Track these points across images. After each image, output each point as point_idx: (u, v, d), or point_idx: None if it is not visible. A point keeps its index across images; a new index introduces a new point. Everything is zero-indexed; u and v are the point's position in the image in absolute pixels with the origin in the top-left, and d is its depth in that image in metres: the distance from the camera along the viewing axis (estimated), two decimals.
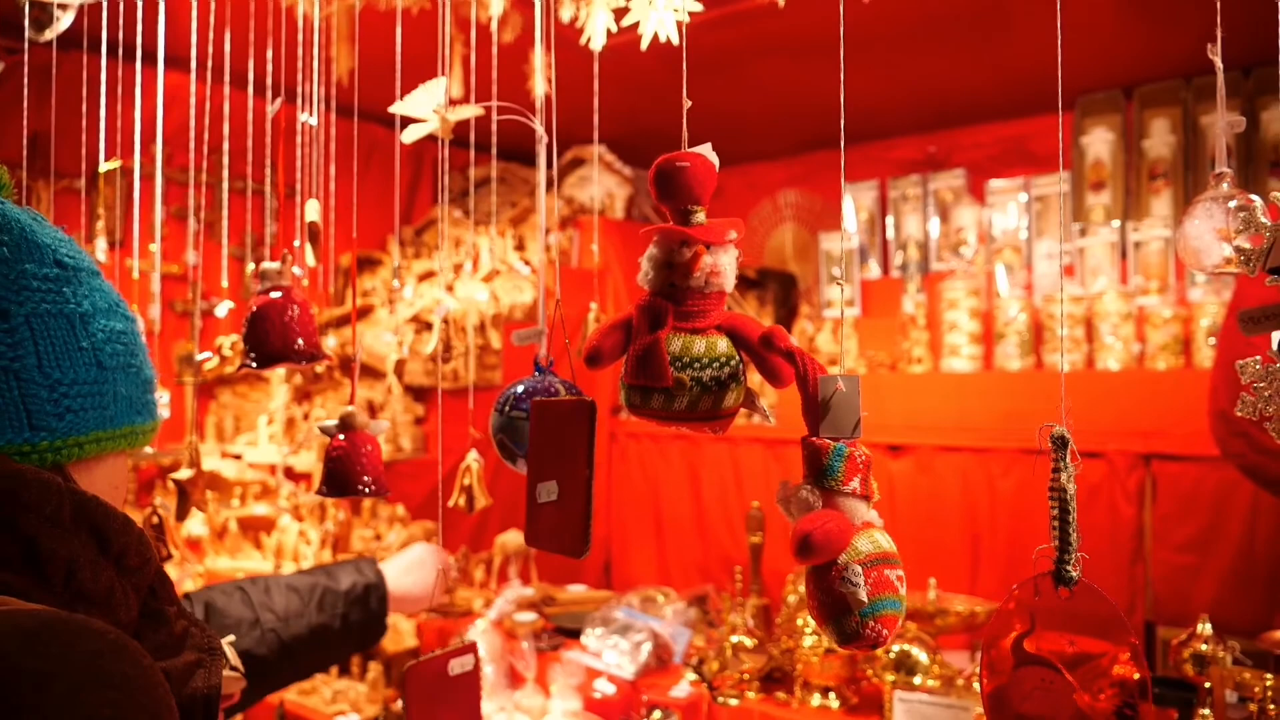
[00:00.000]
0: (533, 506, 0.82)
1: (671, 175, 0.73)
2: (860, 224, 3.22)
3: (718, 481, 3.05)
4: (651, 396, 0.72)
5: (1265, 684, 1.13)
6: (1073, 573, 0.61)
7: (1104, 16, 2.36)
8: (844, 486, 0.65)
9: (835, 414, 0.66)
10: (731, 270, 0.74)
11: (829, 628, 0.64)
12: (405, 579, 1.39)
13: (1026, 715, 0.63)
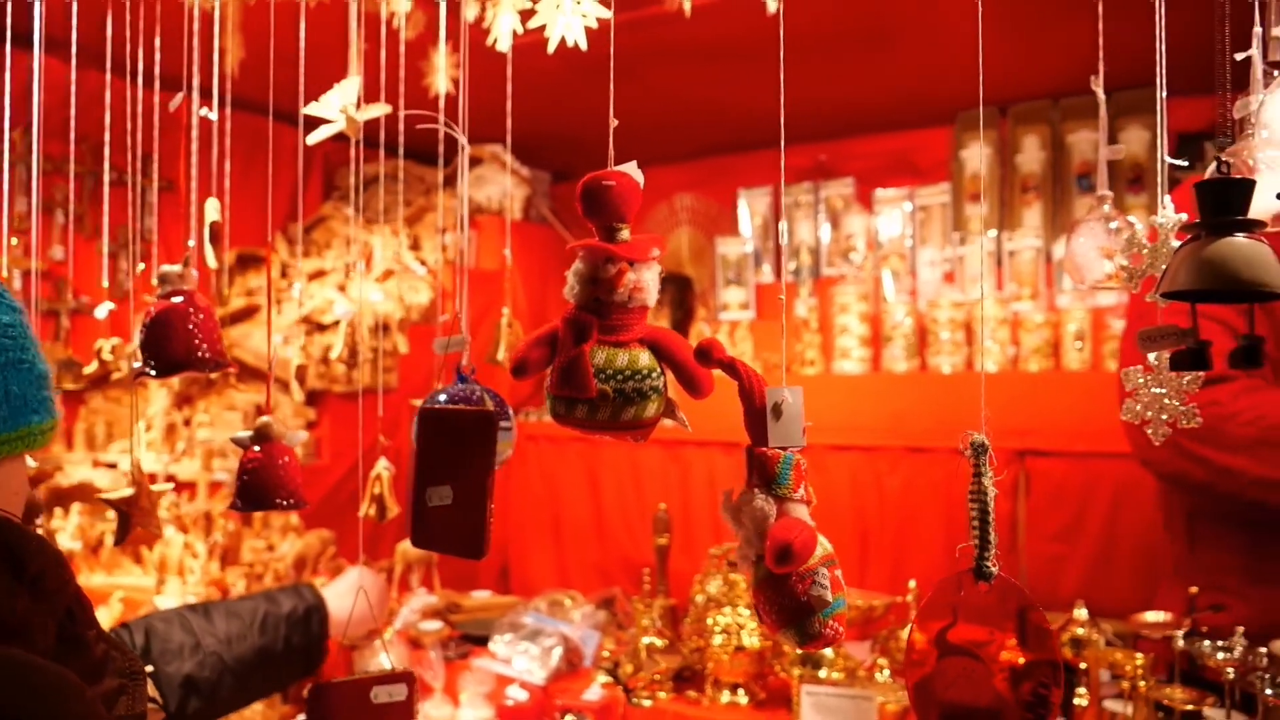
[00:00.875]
0: (420, 510, 0.82)
1: (598, 193, 0.75)
2: (755, 229, 3.30)
3: (616, 484, 3.07)
4: (576, 407, 0.73)
5: (1136, 663, 1.23)
6: (992, 568, 0.65)
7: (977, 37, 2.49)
8: (794, 494, 0.68)
9: (783, 424, 0.69)
10: (654, 286, 0.77)
11: (789, 631, 0.66)
12: (344, 602, 1.38)
13: (950, 703, 0.67)
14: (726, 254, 3.27)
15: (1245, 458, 1.40)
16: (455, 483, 0.80)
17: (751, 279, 3.23)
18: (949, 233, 2.91)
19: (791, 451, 0.70)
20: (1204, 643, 1.24)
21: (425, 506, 0.81)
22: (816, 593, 0.66)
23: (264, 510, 0.97)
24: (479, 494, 0.79)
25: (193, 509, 2.05)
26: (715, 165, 3.37)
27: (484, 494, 0.79)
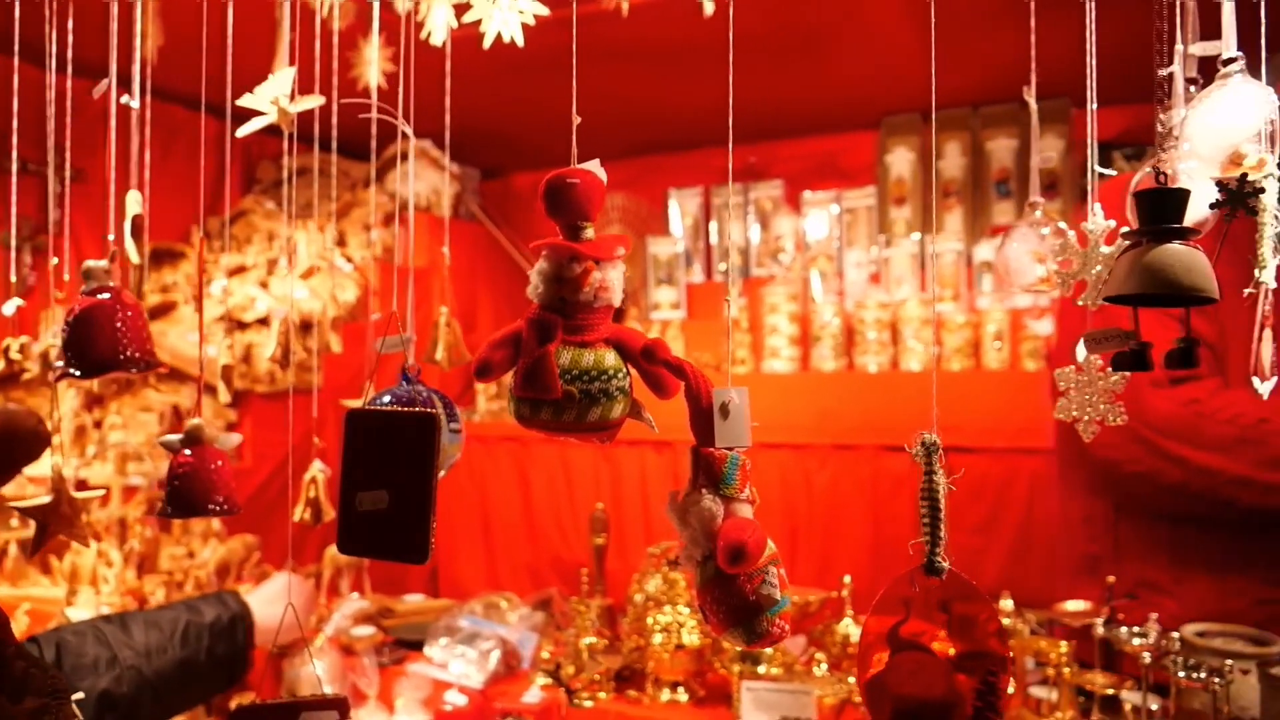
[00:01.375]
0: (349, 515, 0.80)
1: (562, 191, 0.74)
2: (685, 229, 3.32)
3: (548, 483, 3.05)
4: (541, 408, 0.72)
5: (1060, 651, 1.28)
6: (943, 563, 0.67)
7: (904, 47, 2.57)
8: (740, 494, 0.68)
9: (730, 424, 0.69)
10: (619, 285, 0.76)
11: (736, 630, 0.66)
12: (270, 610, 1.33)
13: (903, 698, 0.69)
14: (657, 253, 3.28)
15: (1223, 456, 1.42)
16: (391, 486, 0.78)
17: (682, 278, 3.25)
18: (875, 235, 2.99)
19: (737, 452, 0.71)
20: (1121, 630, 1.30)
21: (354, 512, 0.79)
22: (766, 591, 0.67)
23: (196, 516, 0.93)
24: (420, 497, 0.77)
25: (105, 515, 1.96)
26: (646, 165, 3.38)
27: (426, 497, 0.78)
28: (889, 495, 2.63)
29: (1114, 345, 0.64)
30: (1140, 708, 1.26)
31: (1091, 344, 0.67)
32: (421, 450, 0.77)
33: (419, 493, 0.76)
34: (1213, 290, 0.54)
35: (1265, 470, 1.40)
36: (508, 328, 0.74)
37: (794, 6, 2.35)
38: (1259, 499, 1.42)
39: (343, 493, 0.78)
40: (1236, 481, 1.41)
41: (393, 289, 2.78)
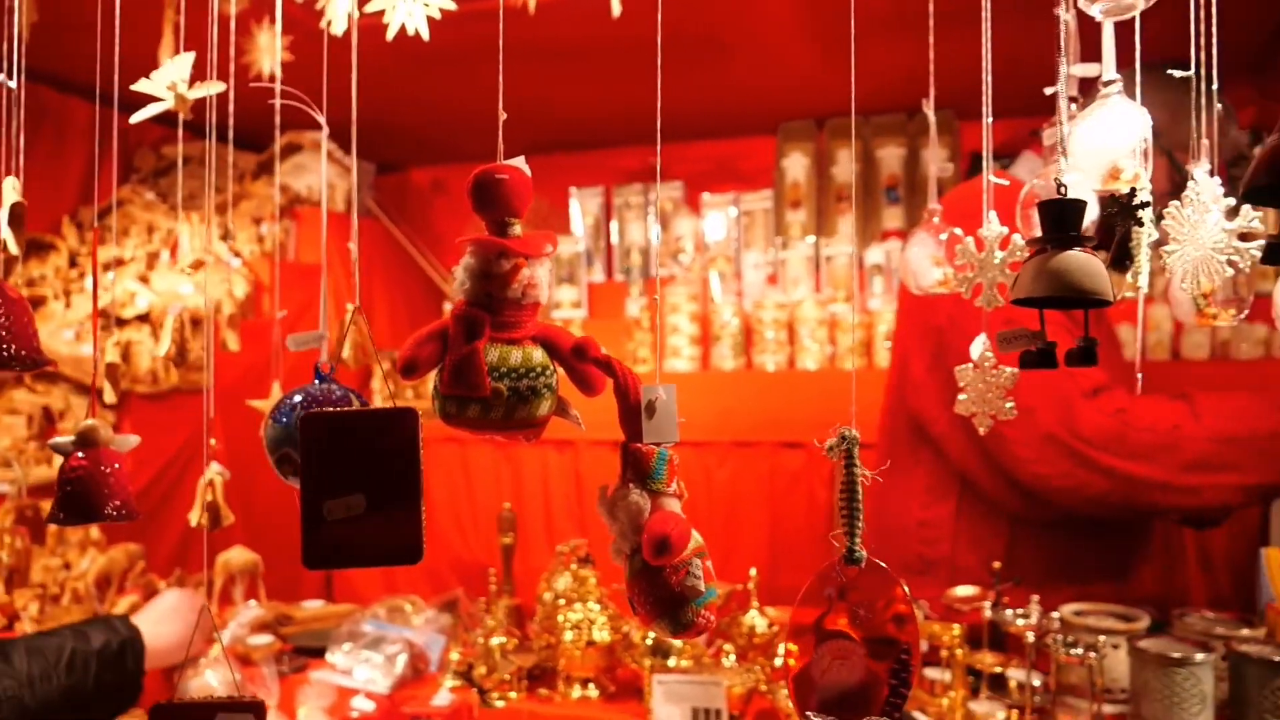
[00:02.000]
0: (316, 527, 0.77)
1: (491, 187, 0.73)
2: (586, 229, 3.33)
3: (446, 483, 3.01)
4: (468, 406, 0.72)
5: (952, 633, 1.35)
6: (861, 553, 0.70)
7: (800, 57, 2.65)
8: (667, 488, 0.70)
9: (658, 421, 0.70)
10: (546, 282, 0.76)
11: (663, 621, 0.68)
12: (161, 629, 1.27)
13: (827, 687, 0.72)
14: (559, 252, 3.28)
15: (1145, 464, 1.48)
16: (369, 489, 0.76)
17: (584, 278, 3.26)
18: (772, 237, 3.07)
19: (665, 447, 0.73)
20: (1007, 612, 1.39)
21: (325, 522, 0.76)
22: (690, 583, 0.69)
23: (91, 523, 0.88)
24: (409, 495, 0.76)
25: None
26: (548, 163, 3.36)
27: (416, 494, 0.76)
28: (786, 491, 2.71)
29: (1021, 345, 0.68)
30: (1024, 684, 1.35)
31: (1004, 344, 0.72)
32: (405, 447, 0.75)
33: (407, 491, 0.74)
34: (1108, 294, 0.59)
35: (1182, 474, 1.48)
36: (433, 324, 0.74)
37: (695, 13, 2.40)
38: (1178, 500, 1.50)
39: (304, 504, 0.74)
40: (1157, 486, 1.49)
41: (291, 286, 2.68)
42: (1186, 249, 0.77)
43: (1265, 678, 1.20)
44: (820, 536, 2.57)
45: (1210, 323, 0.95)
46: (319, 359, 0.93)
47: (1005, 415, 0.90)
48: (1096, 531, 1.66)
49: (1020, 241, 0.87)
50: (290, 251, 2.96)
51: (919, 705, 1.39)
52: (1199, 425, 1.49)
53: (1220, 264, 0.79)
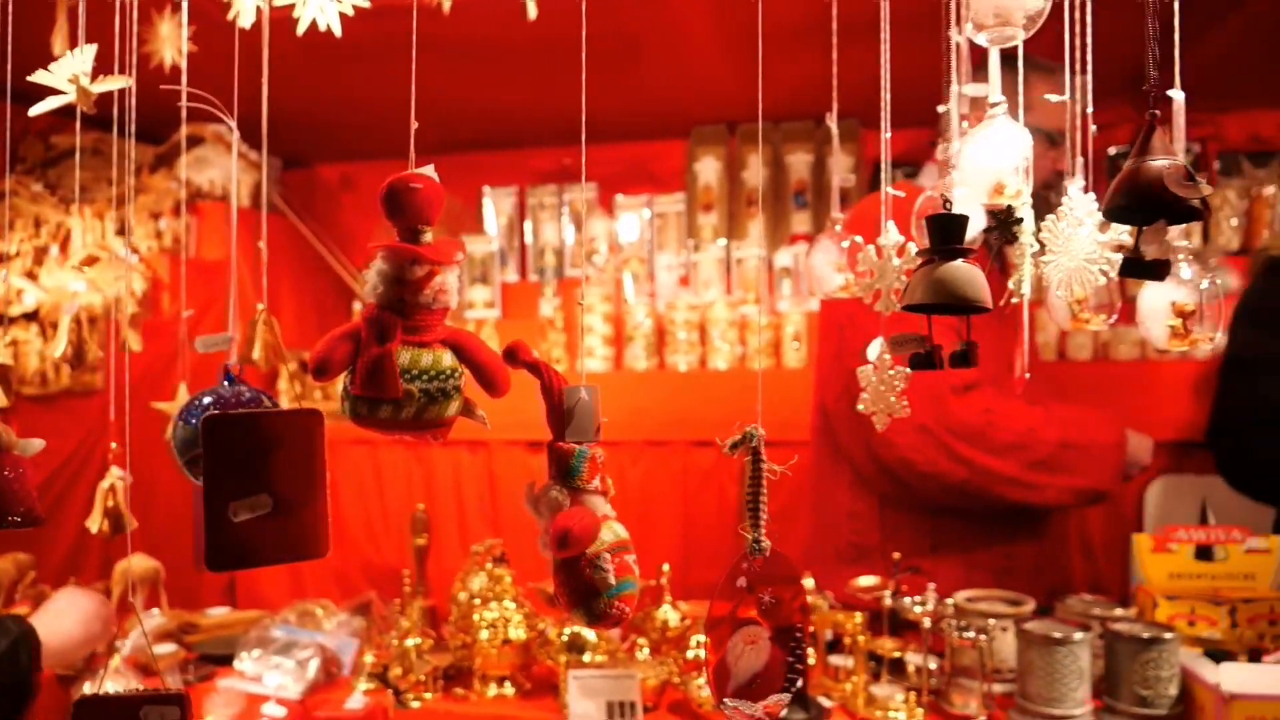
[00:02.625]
0: (221, 529, 0.77)
1: (404, 195, 0.75)
2: (500, 228, 3.32)
3: (356, 486, 2.96)
4: (380, 407, 0.74)
5: (855, 622, 1.42)
6: (764, 544, 0.74)
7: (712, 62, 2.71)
8: (588, 485, 0.73)
9: (578, 420, 0.73)
10: (455, 288, 0.79)
11: (579, 611, 0.71)
12: (57, 628, 1.22)
13: (740, 673, 0.75)
14: (472, 252, 3.26)
15: (1000, 459, 1.63)
16: (276, 489, 0.77)
17: (497, 278, 3.25)
18: (684, 239, 3.12)
19: (586, 445, 0.76)
20: (905, 600, 1.46)
21: (230, 524, 0.76)
22: (598, 576, 0.72)
23: None
24: (317, 492, 0.77)
25: None
26: (461, 162, 3.34)
27: (322, 489, 0.78)
28: (698, 488, 2.76)
29: (911, 348, 0.73)
30: (921, 667, 1.42)
31: (895, 346, 0.77)
32: (310, 446, 0.77)
33: (313, 489, 0.75)
34: (988, 302, 0.65)
35: (1031, 471, 1.65)
36: (345, 326, 0.75)
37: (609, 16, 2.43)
38: (1022, 495, 1.66)
39: (209, 507, 0.74)
40: (1007, 480, 1.64)
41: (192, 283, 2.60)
42: (1061, 259, 0.84)
43: (1134, 652, 1.31)
44: (732, 532, 2.64)
45: (1084, 327, 1.03)
46: (227, 360, 0.92)
47: (899, 413, 0.95)
48: (1009, 524, 1.78)
49: (915, 250, 0.93)
50: (191, 248, 2.86)
51: (824, 690, 1.45)
52: (1049, 430, 1.66)
53: (1093, 273, 0.86)
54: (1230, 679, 1.24)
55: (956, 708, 1.37)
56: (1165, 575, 1.50)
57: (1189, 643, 1.38)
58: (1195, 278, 0.90)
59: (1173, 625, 1.38)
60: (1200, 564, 1.50)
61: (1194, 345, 0.89)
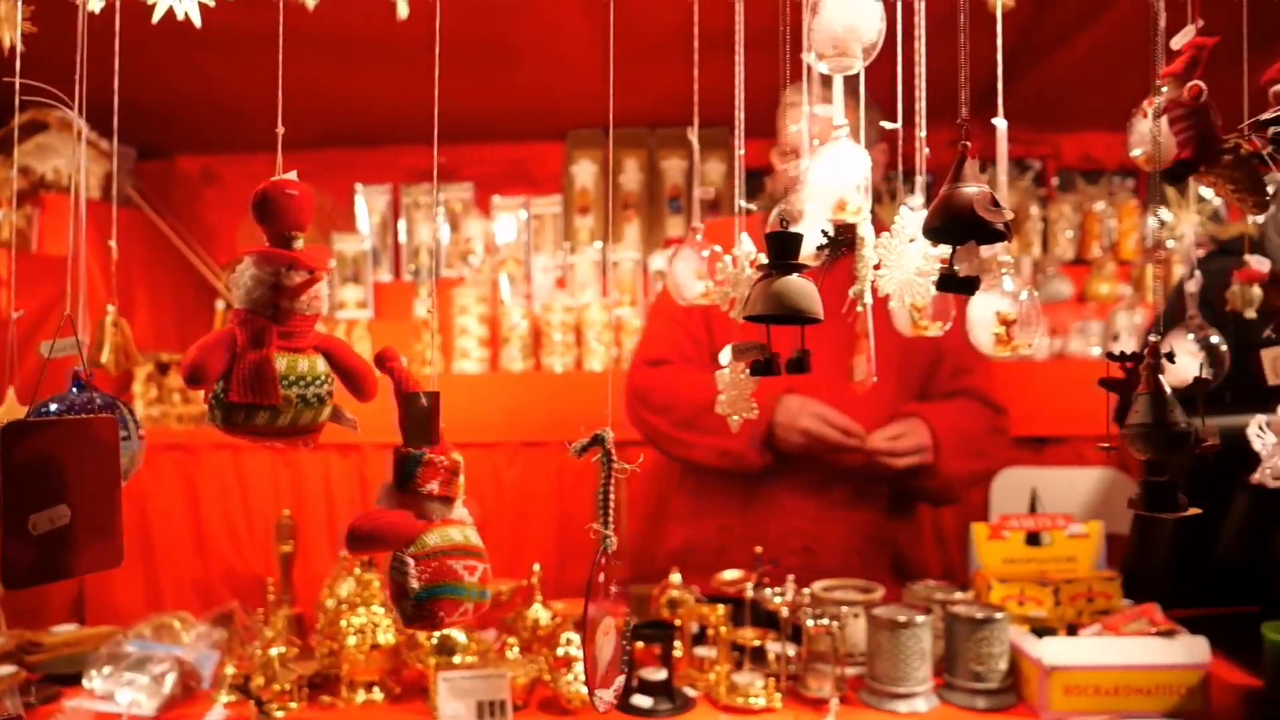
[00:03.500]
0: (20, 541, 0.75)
1: (279, 201, 0.76)
2: (373, 226, 3.26)
3: (219, 493, 2.85)
4: (257, 414, 0.74)
5: (718, 614, 1.48)
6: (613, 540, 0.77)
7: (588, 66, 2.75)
8: (420, 489, 0.75)
9: (418, 426, 0.75)
10: (327, 295, 0.79)
11: (397, 610, 0.75)
12: None
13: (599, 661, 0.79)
14: (343, 250, 3.18)
15: (657, 417, 1.94)
16: (74, 499, 0.75)
17: (370, 277, 3.18)
18: (561, 241, 3.15)
19: (424, 451, 0.78)
20: (766, 590, 1.53)
21: (28, 537, 0.74)
22: (398, 578, 0.76)
23: None
24: (110, 502, 0.75)
25: None
26: (332, 158, 3.26)
27: (117, 498, 0.76)
28: (573, 488, 2.79)
29: (752, 355, 0.79)
30: (780, 654, 1.50)
31: (736, 354, 0.82)
32: (105, 454, 0.75)
33: (108, 498, 0.73)
34: (819, 313, 0.70)
35: (679, 429, 1.91)
36: (216, 332, 0.75)
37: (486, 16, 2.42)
38: (682, 452, 1.93)
39: (7, 519, 0.72)
40: (665, 437, 1.94)
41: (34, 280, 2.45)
42: (894, 273, 0.92)
43: (970, 632, 1.42)
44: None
45: (923, 332, 1.12)
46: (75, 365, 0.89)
47: (750, 414, 1.01)
48: (877, 515, 1.94)
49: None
50: (33, 242, 2.69)
51: (690, 681, 1.50)
52: (697, 393, 1.83)
53: (924, 285, 0.94)
54: (1050, 652, 1.37)
55: (812, 691, 1.45)
56: (1000, 560, 1.63)
57: (1018, 621, 1.50)
58: (1017, 289, 1.00)
59: (1004, 606, 1.50)
60: (1030, 549, 1.64)
61: (1015, 350, 0.99)
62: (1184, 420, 0.73)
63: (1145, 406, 0.73)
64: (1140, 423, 0.73)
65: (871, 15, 0.86)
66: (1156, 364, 0.74)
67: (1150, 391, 0.73)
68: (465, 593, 0.78)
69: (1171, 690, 1.37)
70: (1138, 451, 0.74)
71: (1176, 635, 1.40)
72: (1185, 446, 0.73)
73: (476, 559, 0.77)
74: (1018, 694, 1.43)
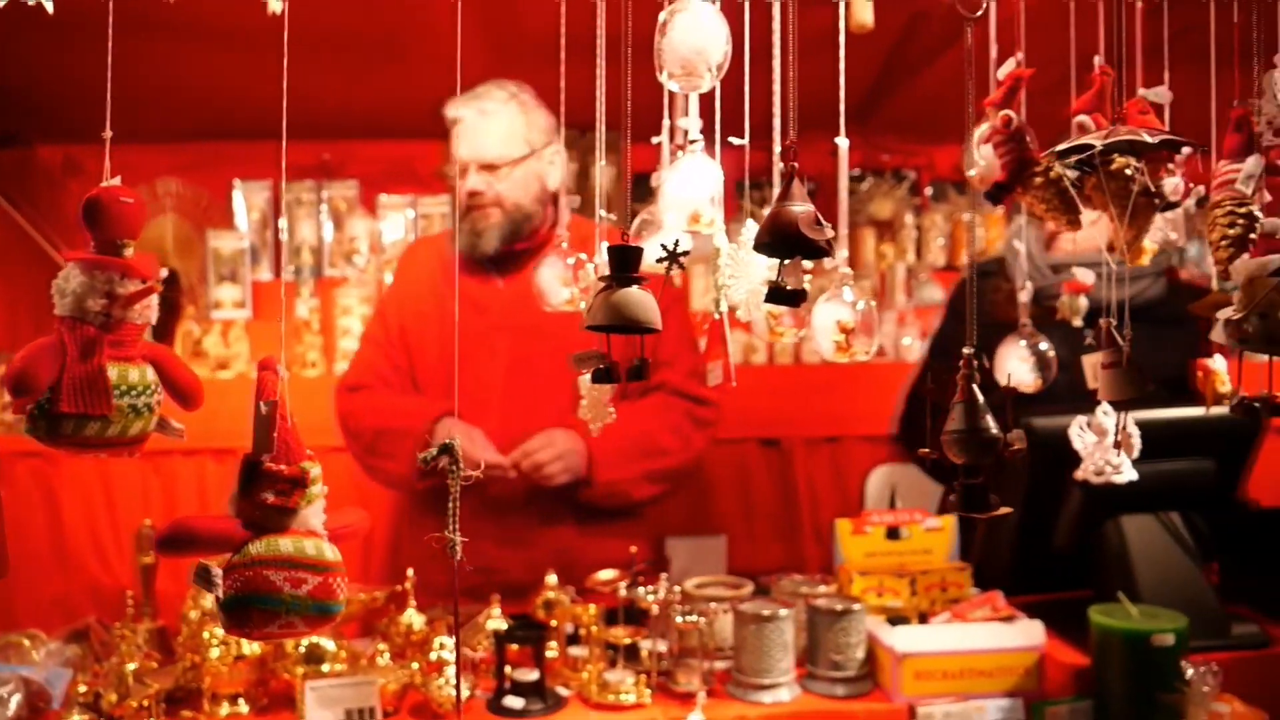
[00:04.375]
0: None
1: (111, 208, 0.75)
2: (252, 224, 3.15)
3: (82, 503, 2.71)
4: (87, 424, 0.73)
5: (589, 614, 1.51)
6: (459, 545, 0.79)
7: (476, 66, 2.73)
8: (256, 497, 0.75)
9: (259, 434, 0.75)
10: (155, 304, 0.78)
11: None
12: None
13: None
14: (220, 248, 3.07)
15: (351, 441, 1.99)
16: None
17: (248, 276, 3.08)
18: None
19: (260, 459, 0.78)
20: (639, 589, 1.57)
21: None
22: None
23: None
24: None
25: None
26: (208, 151, 3.14)
27: None
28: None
29: (592, 364, 0.81)
30: (653, 651, 1.53)
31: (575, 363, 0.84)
32: None
33: None
34: (658, 324, 0.74)
35: (367, 455, 1.99)
36: (41, 341, 0.73)
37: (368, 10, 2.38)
38: (373, 475, 2.00)
39: None
40: (359, 460, 2.01)
41: None
42: (740, 284, 0.96)
43: (829, 624, 1.49)
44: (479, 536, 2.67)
45: (779, 338, 1.17)
46: None
47: (609, 419, 1.04)
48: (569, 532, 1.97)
49: None
50: None
51: (563, 680, 1.53)
52: (373, 419, 1.97)
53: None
54: (901, 640, 1.45)
55: (681, 686, 1.49)
56: (862, 554, 1.71)
57: (876, 612, 1.58)
58: (855, 299, 1.05)
59: (863, 598, 1.58)
60: (890, 543, 1.72)
61: (853, 357, 1.04)
62: (994, 426, 0.79)
63: (960, 414, 0.79)
64: (955, 429, 0.79)
65: (718, 36, 0.90)
66: (971, 374, 0.81)
67: (964, 400, 0.79)
68: (280, 604, 0.75)
69: (1010, 671, 1.47)
70: (954, 456, 0.80)
71: (1016, 620, 1.50)
72: (995, 451, 0.79)
73: (309, 571, 0.75)
74: (874, 681, 1.51)
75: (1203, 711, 1.33)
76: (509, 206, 1.93)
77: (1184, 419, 1.60)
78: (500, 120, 1.94)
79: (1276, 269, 0.82)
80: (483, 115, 1.95)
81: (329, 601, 0.77)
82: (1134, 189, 0.88)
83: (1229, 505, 1.74)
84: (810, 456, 3.03)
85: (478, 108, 1.95)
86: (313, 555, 0.76)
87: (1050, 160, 0.90)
